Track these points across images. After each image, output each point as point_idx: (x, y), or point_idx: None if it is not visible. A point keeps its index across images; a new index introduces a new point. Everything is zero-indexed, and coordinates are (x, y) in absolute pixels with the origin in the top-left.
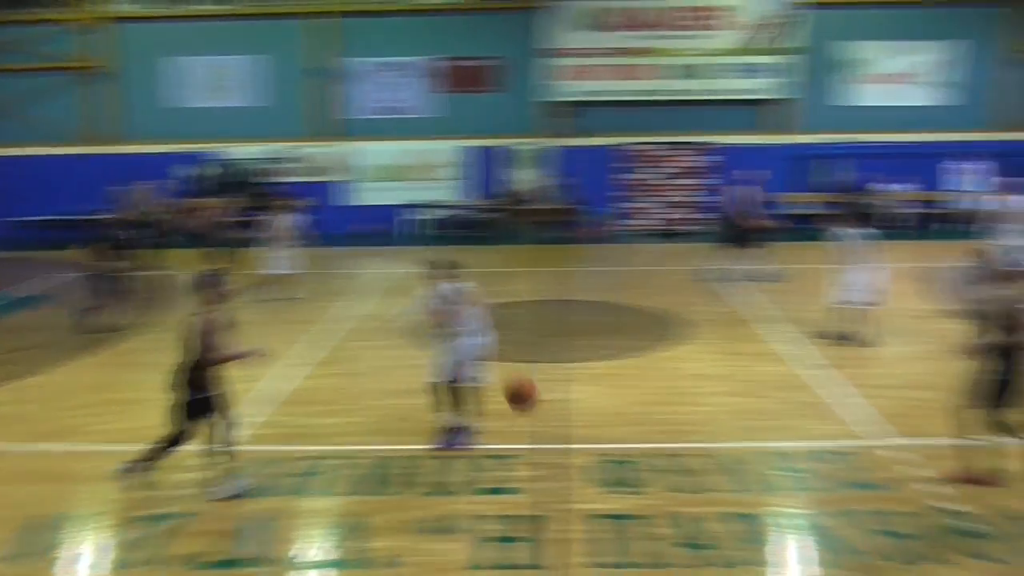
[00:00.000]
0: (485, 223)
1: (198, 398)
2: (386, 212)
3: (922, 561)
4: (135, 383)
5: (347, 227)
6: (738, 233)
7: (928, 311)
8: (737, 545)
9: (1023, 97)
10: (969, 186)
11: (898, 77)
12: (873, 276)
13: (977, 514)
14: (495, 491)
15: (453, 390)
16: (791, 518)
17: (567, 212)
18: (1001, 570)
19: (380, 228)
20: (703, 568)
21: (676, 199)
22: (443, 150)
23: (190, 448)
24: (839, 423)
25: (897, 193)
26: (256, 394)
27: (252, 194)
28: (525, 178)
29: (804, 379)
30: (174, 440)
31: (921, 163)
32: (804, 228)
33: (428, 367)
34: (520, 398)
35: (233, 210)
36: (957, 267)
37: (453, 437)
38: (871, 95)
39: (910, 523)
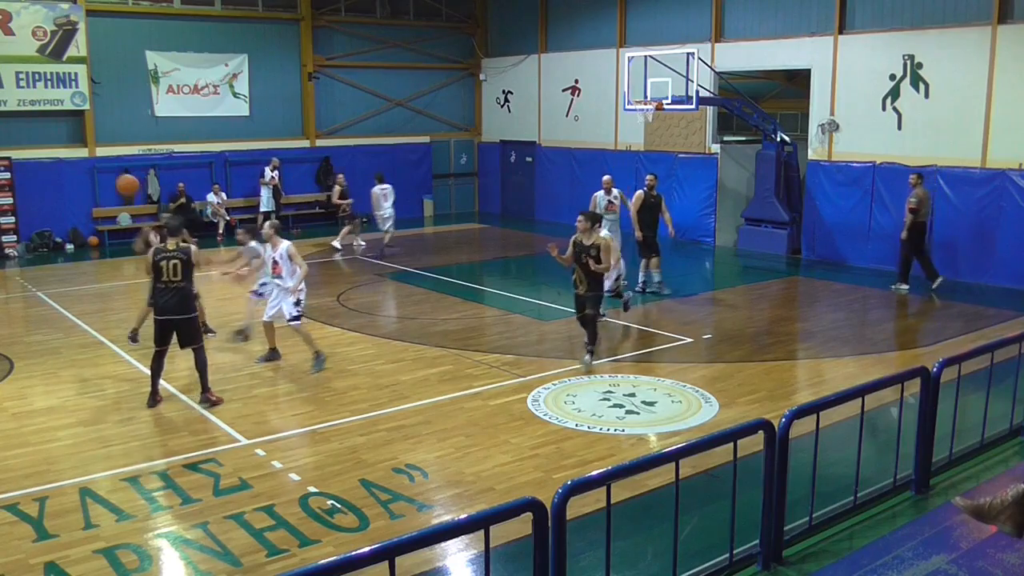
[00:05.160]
0: None
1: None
2: None
3: (290, 548)
4: None
5: None
6: None
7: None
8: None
9: (313, 108)
10: (268, 189)
11: (199, 88)
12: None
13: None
14: None
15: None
16: (164, 538)
17: None
18: (354, 538)
19: None
20: None
21: None
22: None
23: None
24: (193, 433)
25: (214, 203)
26: None
27: None
28: None
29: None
30: None
31: (232, 172)
32: (122, 242)
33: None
34: None
35: None
36: None
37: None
38: (175, 105)
39: (273, 516)
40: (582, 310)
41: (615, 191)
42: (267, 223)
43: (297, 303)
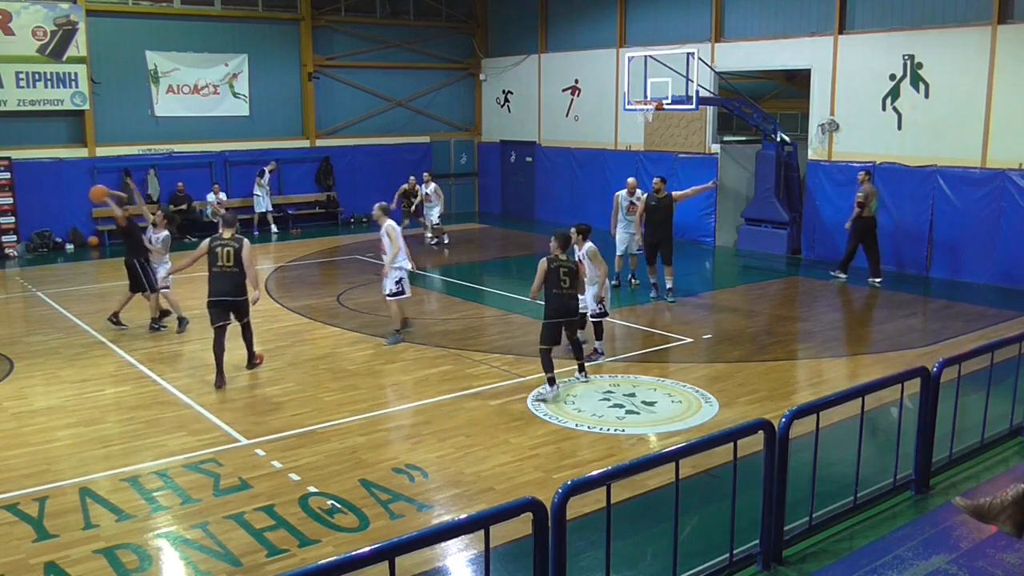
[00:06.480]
0: None
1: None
2: None
3: (289, 548)
4: None
5: None
6: None
7: (264, 312)
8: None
9: (313, 108)
10: (264, 191)
11: (199, 88)
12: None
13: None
14: None
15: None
16: (164, 538)
17: None
18: (354, 538)
19: None
20: None
21: None
22: None
23: None
24: (193, 433)
25: (214, 202)
26: None
27: None
28: None
29: (155, 394)
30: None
31: (232, 172)
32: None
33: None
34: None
35: None
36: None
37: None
38: (175, 105)
39: (273, 516)
40: None
41: (638, 192)
42: (376, 205)
43: (398, 281)
